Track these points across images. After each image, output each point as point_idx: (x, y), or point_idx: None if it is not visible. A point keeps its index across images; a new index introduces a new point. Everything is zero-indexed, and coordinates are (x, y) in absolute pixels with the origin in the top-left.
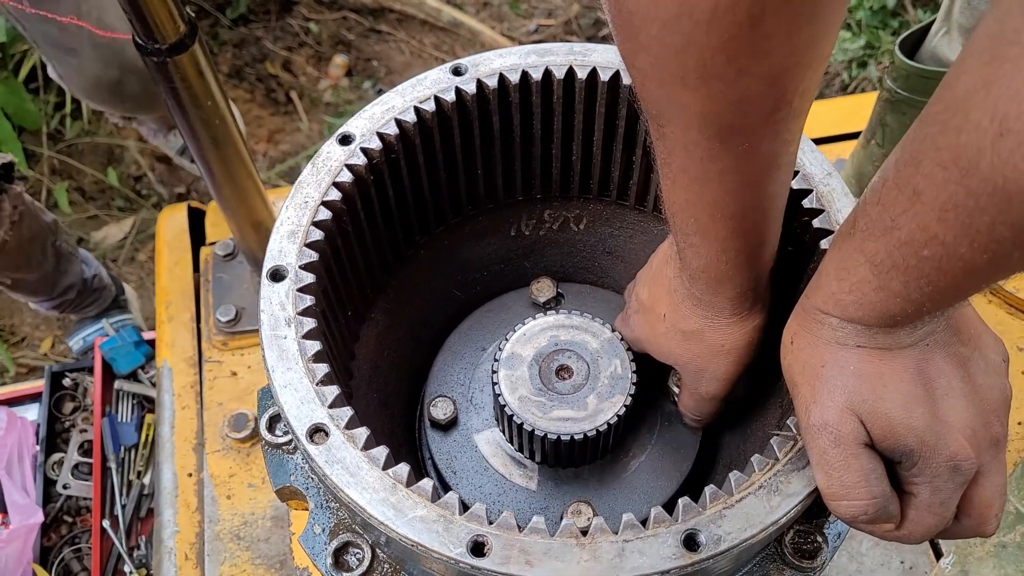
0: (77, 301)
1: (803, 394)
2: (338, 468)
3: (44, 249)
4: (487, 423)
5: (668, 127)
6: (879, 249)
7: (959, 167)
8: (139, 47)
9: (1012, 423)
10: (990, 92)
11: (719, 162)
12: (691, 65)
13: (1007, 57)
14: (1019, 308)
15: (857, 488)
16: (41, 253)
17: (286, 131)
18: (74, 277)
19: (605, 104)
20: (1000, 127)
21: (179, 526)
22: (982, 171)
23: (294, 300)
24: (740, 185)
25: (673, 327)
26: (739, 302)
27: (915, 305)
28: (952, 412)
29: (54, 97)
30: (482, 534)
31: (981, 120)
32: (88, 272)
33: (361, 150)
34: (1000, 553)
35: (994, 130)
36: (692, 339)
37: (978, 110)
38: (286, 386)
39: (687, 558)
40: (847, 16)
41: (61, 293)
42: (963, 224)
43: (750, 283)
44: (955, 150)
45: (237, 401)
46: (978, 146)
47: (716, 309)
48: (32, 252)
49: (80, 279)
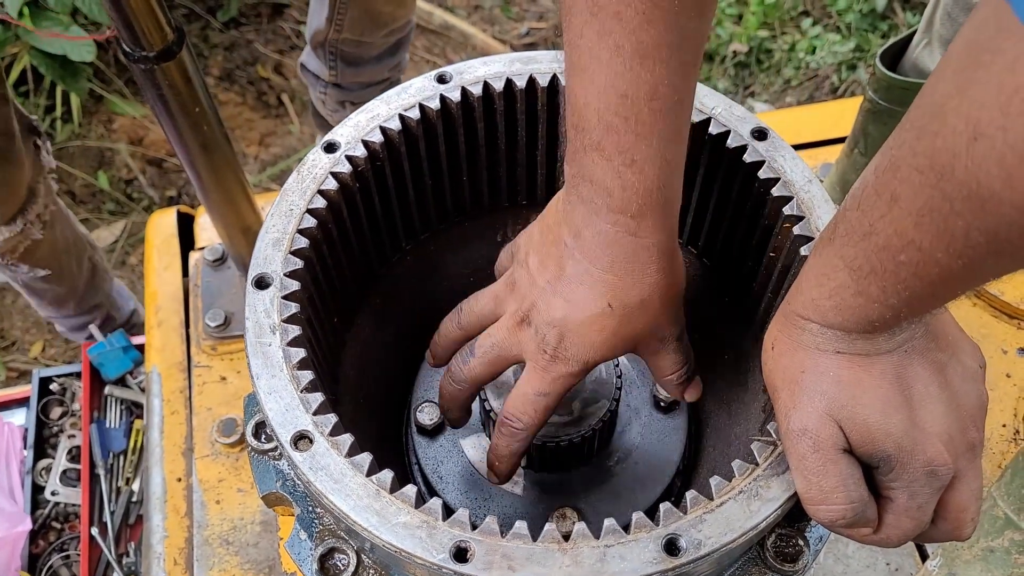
0: (104, 328)
1: (783, 399)
2: (322, 475)
3: (80, 261)
4: (473, 428)
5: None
6: (857, 254)
7: (935, 171)
8: (126, 55)
9: (996, 425)
10: (965, 98)
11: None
12: None
13: (981, 64)
14: (1004, 311)
15: (835, 493)
16: (76, 265)
17: (277, 134)
18: (103, 297)
19: None
20: (974, 132)
21: (168, 531)
22: (957, 176)
23: (279, 307)
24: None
25: (579, 287)
26: (662, 251)
27: (893, 310)
28: (929, 418)
29: (44, 100)
30: (465, 540)
31: (956, 125)
32: (126, 306)
33: (346, 158)
34: (988, 557)
35: (968, 135)
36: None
37: (954, 115)
38: (271, 393)
39: (668, 562)
40: (836, 19)
41: (88, 311)
42: (939, 229)
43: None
44: (931, 155)
45: (226, 406)
46: (953, 151)
47: (631, 262)
48: (66, 262)
49: (109, 299)
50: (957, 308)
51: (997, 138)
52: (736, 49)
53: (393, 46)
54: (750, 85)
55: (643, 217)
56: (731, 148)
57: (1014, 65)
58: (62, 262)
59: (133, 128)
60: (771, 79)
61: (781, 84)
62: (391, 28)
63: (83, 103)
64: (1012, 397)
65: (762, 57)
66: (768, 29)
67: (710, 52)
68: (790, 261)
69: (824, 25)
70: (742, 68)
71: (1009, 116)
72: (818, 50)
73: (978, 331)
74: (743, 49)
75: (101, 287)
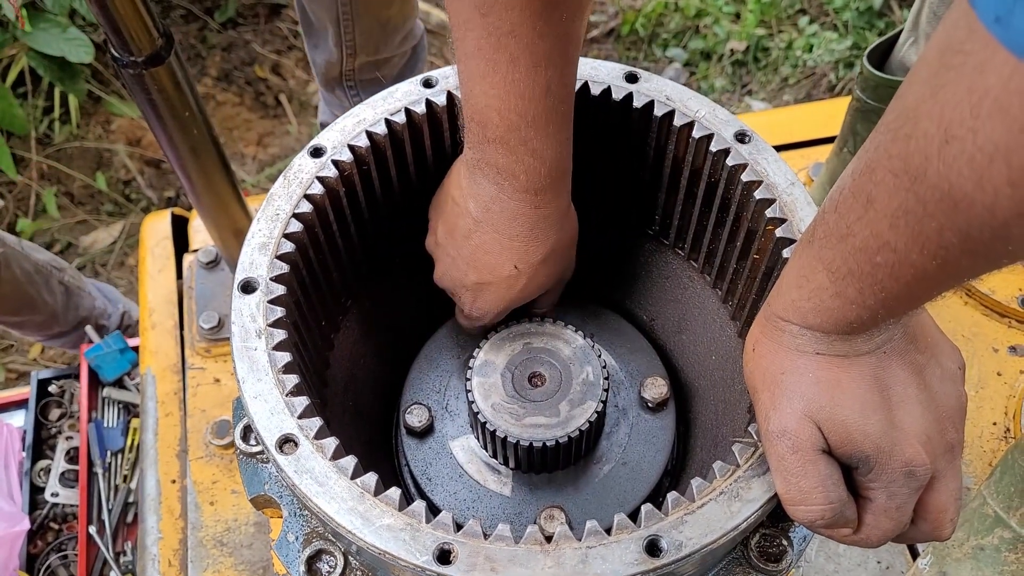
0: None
1: (763, 400)
2: (307, 478)
3: (49, 287)
4: (462, 430)
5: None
6: (835, 256)
7: (909, 174)
8: (115, 60)
9: (987, 423)
10: (936, 100)
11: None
12: None
13: (952, 66)
14: (995, 310)
15: (814, 493)
16: (47, 291)
17: (275, 134)
18: (85, 311)
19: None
20: (946, 134)
21: (163, 532)
22: (930, 178)
23: (265, 312)
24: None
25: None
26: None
27: (870, 311)
28: (908, 418)
29: (42, 102)
30: (448, 542)
31: (928, 128)
32: (115, 311)
33: (332, 162)
34: (978, 555)
35: (940, 137)
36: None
37: (926, 118)
38: (256, 397)
39: (649, 564)
40: (834, 17)
41: (75, 327)
42: (913, 230)
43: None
44: (905, 158)
45: (220, 408)
46: (926, 153)
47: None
48: (34, 293)
49: (93, 311)
50: (948, 307)
51: (967, 140)
52: (734, 47)
53: (411, 57)
54: (747, 83)
55: (544, 192)
56: (714, 152)
57: (983, 67)
58: (30, 293)
59: (131, 129)
60: (768, 77)
61: (779, 82)
62: (403, 33)
63: (81, 104)
64: (1003, 395)
65: (759, 55)
66: (765, 27)
67: (708, 51)
68: (773, 263)
69: (821, 23)
70: (739, 66)
71: (979, 119)
72: (815, 48)
73: (969, 330)
74: (741, 47)
75: (81, 304)
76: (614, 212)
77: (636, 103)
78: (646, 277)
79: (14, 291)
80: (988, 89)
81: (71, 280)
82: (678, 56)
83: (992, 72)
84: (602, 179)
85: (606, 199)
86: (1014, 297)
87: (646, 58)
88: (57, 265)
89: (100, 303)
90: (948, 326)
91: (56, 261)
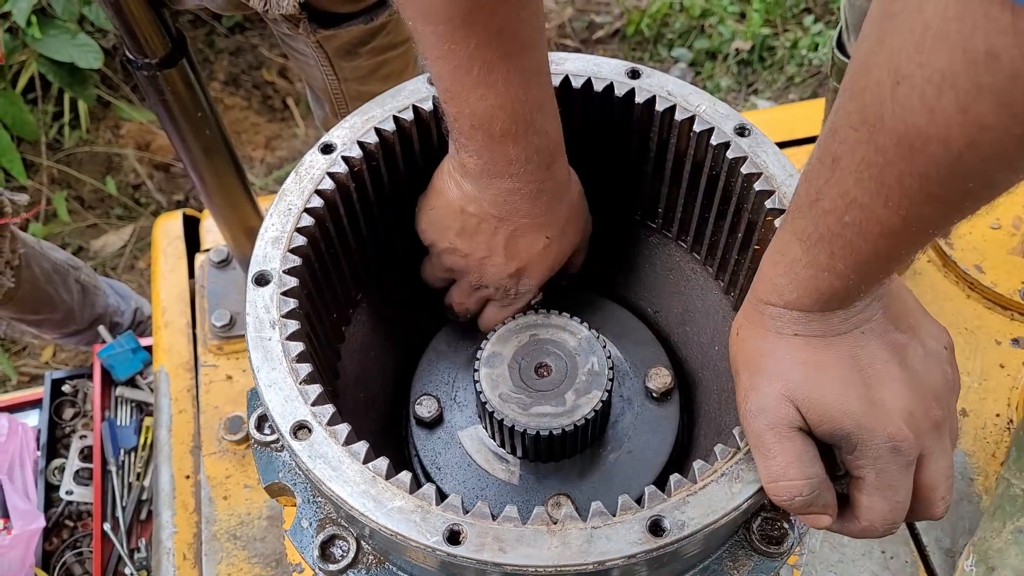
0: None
1: (743, 382)
2: (320, 463)
3: (67, 285)
4: (471, 420)
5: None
6: (807, 224)
7: (867, 124)
8: (130, 62)
9: (991, 415)
10: (884, 47)
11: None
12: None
13: (893, 13)
14: (997, 303)
15: (790, 468)
16: (65, 290)
17: (283, 137)
18: (101, 309)
19: (580, 110)
20: (896, 75)
21: (177, 527)
22: (886, 122)
23: (278, 303)
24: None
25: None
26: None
27: (843, 279)
28: (889, 396)
29: (52, 107)
30: (458, 523)
31: (880, 75)
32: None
33: (342, 158)
34: (1019, 539)
35: (891, 81)
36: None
37: (876, 68)
38: (270, 385)
39: (652, 543)
40: (837, 15)
41: (90, 325)
42: (876, 182)
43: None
44: (862, 110)
45: (232, 404)
46: (880, 100)
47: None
48: (53, 292)
49: (107, 310)
50: (951, 300)
51: (916, 76)
52: (739, 47)
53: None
54: (753, 83)
55: (551, 168)
56: (715, 145)
57: (921, 5)
58: (48, 292)
59: (140, 133)
60: (774, 76)
61: (784, 81)
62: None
63: (91, 109)
64: (1006, 387)
65: (765, 55)
66: (770, 26)
67: (713, 50)
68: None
69: (826, 22)
70: (745, 66)
71: (923, 52)
72: (820, 47)
73: (972, 322)
74: (746, 47)
75: (96, 301)
76: (618, 207)
77: (638, 98)
78: (650, 270)
79: (34, 290)
80: (928, 22)
81: (87, 279)
82: (683, 56)
83: (929, 6)
84: (606, 174)
85: (609, 194)
86: (1016, 290)
87: (651, 58)
88: (73, 264)
89: (114, 300)
90: (951, 319)
91: (72, 260)
